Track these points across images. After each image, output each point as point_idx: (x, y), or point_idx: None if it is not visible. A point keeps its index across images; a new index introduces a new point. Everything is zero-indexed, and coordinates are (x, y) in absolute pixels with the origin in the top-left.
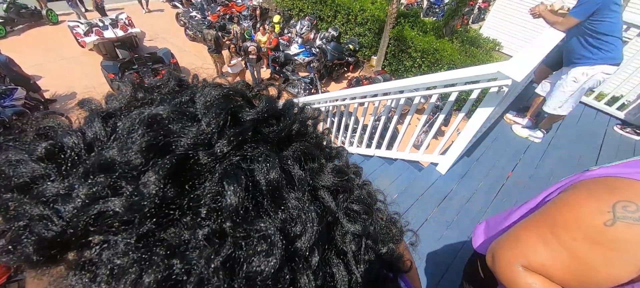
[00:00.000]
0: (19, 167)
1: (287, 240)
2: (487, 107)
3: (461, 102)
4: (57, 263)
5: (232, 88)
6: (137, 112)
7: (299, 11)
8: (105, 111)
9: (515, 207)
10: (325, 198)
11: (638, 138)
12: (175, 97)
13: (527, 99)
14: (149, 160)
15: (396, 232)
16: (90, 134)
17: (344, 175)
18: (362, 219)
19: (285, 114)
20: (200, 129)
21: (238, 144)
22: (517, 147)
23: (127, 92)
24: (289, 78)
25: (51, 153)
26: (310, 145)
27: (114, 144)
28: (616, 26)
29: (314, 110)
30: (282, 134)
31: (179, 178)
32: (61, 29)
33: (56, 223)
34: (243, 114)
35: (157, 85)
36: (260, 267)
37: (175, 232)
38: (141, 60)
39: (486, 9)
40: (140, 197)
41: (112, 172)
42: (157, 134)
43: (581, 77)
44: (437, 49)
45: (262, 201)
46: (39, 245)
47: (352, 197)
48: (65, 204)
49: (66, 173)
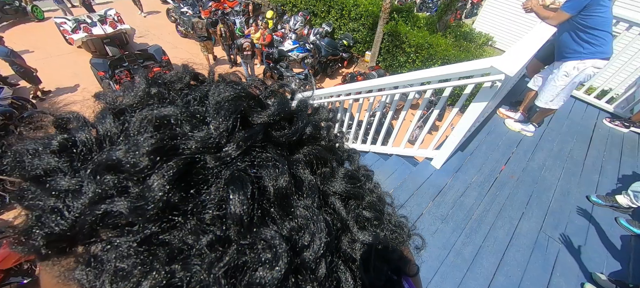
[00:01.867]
0: (35, 158)
1: (293, 250)
2: (480, 101)
3: (455, 97)
4: (66, 255)
5: (245, 88)
6: (147, 110)
7: (292, 7)
8: (118, 107)
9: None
10: (335, 205)
11: (626, 130)
12: (188, 94)
13: (520, 93)
14: (155, 163)
15: (404, 235)
16: (101, 130)
17: (355, 180)
18: (373, 226)
19: (298, 116)
20: (208, 132)
21: (247, 148)
22: (510, 141)
23: (141, 87)
24: (283, 74)
25: (64, 147)
26: (323, 148)
27: (122, 144)
28: (606, 20)
29: (328, 112)
30: (293, 137)
31: (184, 182)
32: (47, 25)
33: (66, 218)
34: (254, 116)
35: (172, 80)
36: (264, 278)
37: (178, 237)
38: (132, 57)
39: (479, 4)
40: (145, 201)
41: (119, 172)
42: (164, 136)
43: (572, 71)
44: (431, 44)
45: (270, 209)
46: (49, 238)
47: (364, 203)
48: (74, 200)
49: (77, 169)
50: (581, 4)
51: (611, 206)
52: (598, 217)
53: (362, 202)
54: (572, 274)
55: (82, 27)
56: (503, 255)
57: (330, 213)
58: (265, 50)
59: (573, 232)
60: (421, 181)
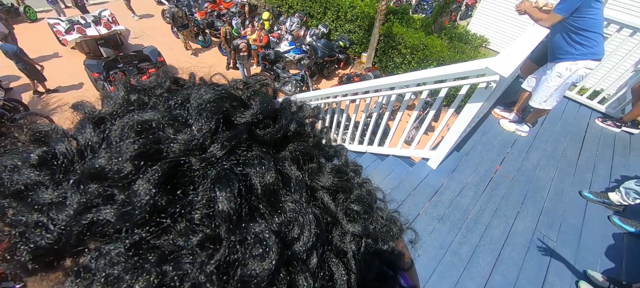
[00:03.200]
0: (14, 173)
1: (284, 243)
2: (476, 102)
3: (451, 97)
4: (53, 269)
5: (227, 89)
6: (128, 117)
7: (288, 8)
8: (97, 116)
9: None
10: (324, 199)
11: (618, 130)
12: (169, 98)
13: (514, 93)
14: (139, 168)
15: (396, 230)
16: (82, 140)
17: (343, 174)
18: (363, 219)
19: (282, 114)
20: (191, 134)
21: (232, 148)
22: (505, 141)
23: (120, 94)
24: (280, 75)
25: (44, 161)
26: (309, 145)
27: (103, 152)
28: (598, 22)
29: (312, 109)
30: (278, 135)
31: (170, 185)
32: (40, 26)
33: (51, 231)
34: (237, 116)
35: (151, 86)
36: (255, 271)
37: (168, 239)
38: (126, 58)
39: (473, 6)
40: (132, 206)
41: (103, 180)
42: (147, 141)
43: (565, 72)
44: (426, 45)
45: (258, 205)
46: (35, 253)
47: (352, 196)
48: (59, 213)
49: (59, 181)
50: (573, 6)
51: (603, 202)
52: (592, 216)
53: (351, 195)
54: (567, 272)
55: (76, 27)
56: (499, 254)
57: (320, 207)
58: (261, 51)
59: (567, 230)
60: (418, 181)
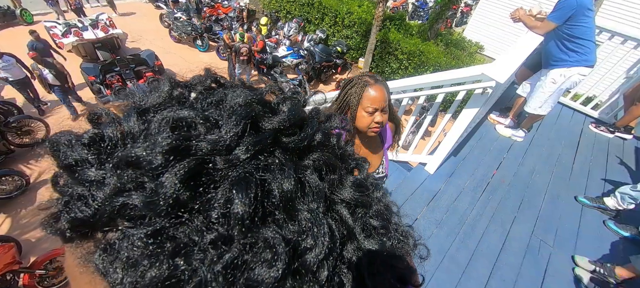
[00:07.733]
0: (69, 149)
1: (295, 253)
2: (472, 107)
3: (447, 103)
4: (87, 240)
5: (260, 93)
6: (167, 111)
7: (286, 13)
8: (142, 106)
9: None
10: (342, 212)
11: (611, 136)
12: (206, 97)
13: (509, 99)
14: (169, 162)
15: (410, 245)
16: (126, 127)
17: (364, 189)
18: (380, 235)
19: (309, 123)
20: (219, 135)
21: (255, 152)
22: (501, 146)
23: (165, 88)
24: (277, 80)
25: (94, 141)
26: (332, 155)
27: (141, 142)
28: (590, 30)
29: (341, 121)
30: (302, 143)
31: (194, 181)
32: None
33: (90, 205)
34: (264, 121)
35: (193, 83)
36: (262, 276)
37: (184, 233)
38: (123, 62)
39: (469, 13)
40: (157, 196)
41: (137, 168)
42: (179, 137)
43: (559, 79)
44: (422, 51)
45: (274, 211)
46: (73, 223)
47: (371, 211)
48: (98, 190)
49: (103, 161)
50: (566, 14)
51: (598, 207)
52: (587, 221)
53: (370, 210)
54: (564, 277)
55: (72, 31)
56: (496, 259)
57: (337, 220)
58: (257, 56)
59: (564, 235)
60: (415, 186)
